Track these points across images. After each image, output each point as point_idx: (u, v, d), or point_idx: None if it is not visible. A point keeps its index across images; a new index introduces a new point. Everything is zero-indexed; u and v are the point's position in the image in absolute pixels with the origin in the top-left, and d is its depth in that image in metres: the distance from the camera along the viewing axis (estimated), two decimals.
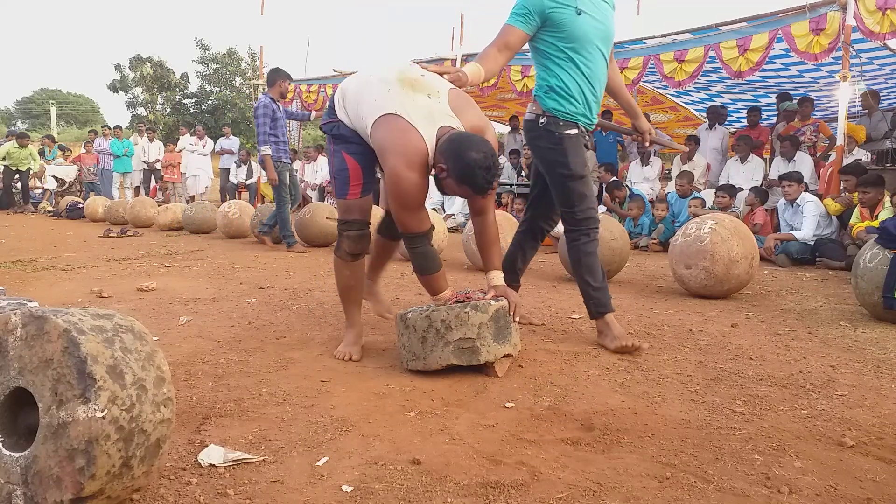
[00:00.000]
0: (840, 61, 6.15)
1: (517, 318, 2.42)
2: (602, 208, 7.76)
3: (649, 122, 10.79)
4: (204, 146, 13.47)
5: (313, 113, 7.63)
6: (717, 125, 8.54)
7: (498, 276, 2.47)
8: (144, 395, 1.28)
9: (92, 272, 4.79)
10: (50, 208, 12.04)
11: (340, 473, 1.56)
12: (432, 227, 2.41)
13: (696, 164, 7.86)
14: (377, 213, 2.86)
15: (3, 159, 12.54)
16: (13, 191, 12.85)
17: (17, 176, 12.70)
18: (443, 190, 2.33)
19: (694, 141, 8.17)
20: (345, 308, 2.68)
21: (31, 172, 12.91)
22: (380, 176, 2.57)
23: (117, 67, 27.48)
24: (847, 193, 5.73)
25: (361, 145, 2.45)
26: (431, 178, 2.38)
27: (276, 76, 6.30)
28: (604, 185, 7.87)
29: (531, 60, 2.80)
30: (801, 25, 6.08)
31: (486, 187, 2.22)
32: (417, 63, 2.44)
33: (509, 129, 11.32)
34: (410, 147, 2.21)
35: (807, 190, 5.91)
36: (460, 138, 2.21)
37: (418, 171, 2.22)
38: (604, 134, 9.33)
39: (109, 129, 14.26)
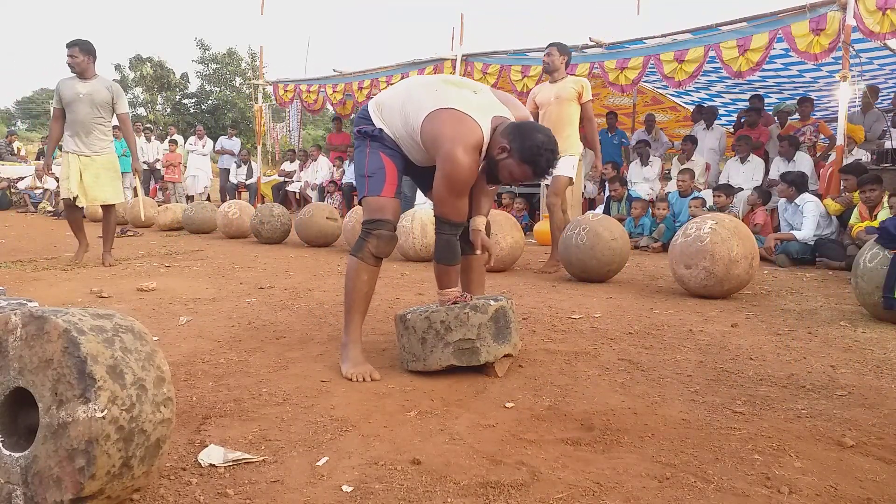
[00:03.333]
0: (840, 61, 6.15)
1: (492, 262, 2.66)
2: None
3: (655, 122, 10.60)
4: (204, 146, 13.47)
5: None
6: (713, 125, 8.54)
7: (481, 221, 2.56)
8: (144, 395, 1.28)
9: (92, 272, 4.79)
10: (50, 208, 12.02)
11: (340, 473, 1.56)
12: (466, 224, 2.44)
13: (695, 163, 7.86)
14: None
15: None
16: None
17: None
18: (494, 176, 2.34)
19: (691, 141, 8.17)
20: (349, 319, 2.43)
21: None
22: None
23: (117, 67, 27.51)
24: (847, 193, 5.72)
25: (396, 150, 2.47)
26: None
27: None
28: (606, 181, 7.91)
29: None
30: (801, 25, 6.09)
31: (547, 169, 2.27)
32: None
33: None
34: (467, 132, 2.23)
35: (807, 190, 5.92)
36: (525, 123, 2.31)
37: (472, 157, 2.23)
38: (610, 135, 9.32)
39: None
